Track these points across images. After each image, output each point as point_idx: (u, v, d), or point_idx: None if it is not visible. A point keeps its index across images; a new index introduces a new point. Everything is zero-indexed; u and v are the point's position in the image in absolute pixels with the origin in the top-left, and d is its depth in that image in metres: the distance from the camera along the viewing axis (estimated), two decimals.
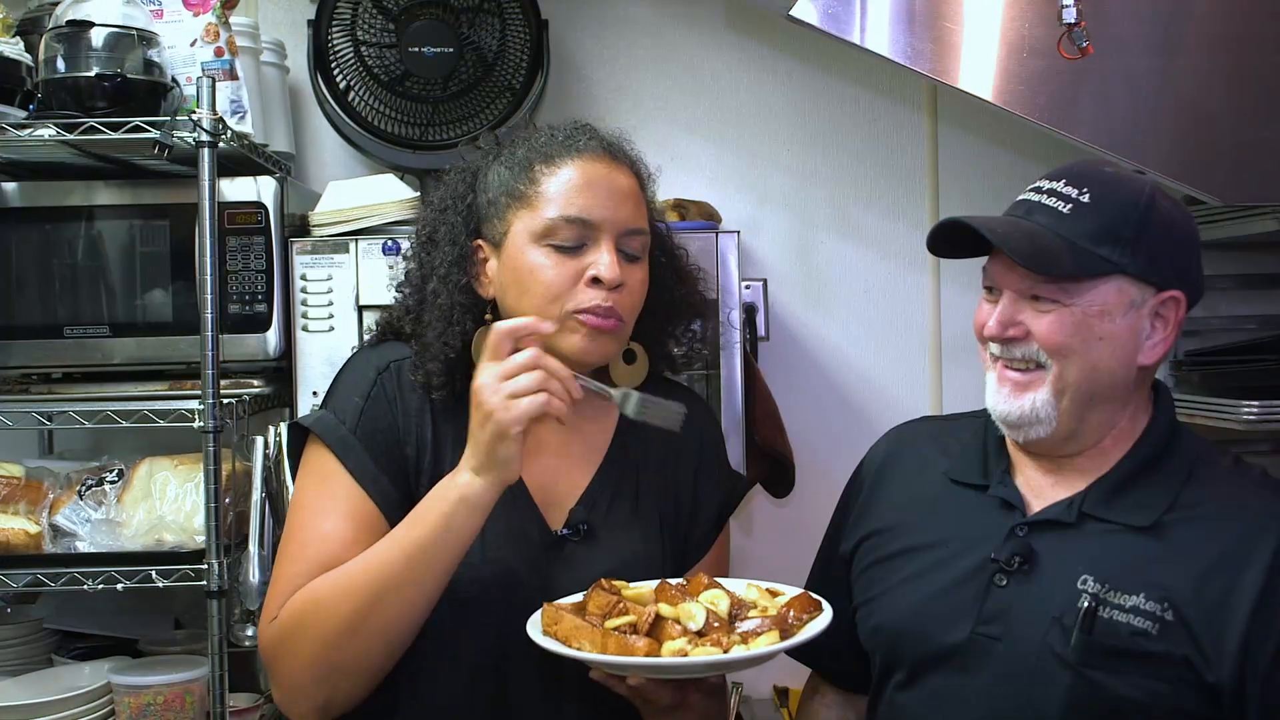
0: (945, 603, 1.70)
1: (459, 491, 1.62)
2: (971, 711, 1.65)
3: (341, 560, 1.68)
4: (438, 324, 1.80)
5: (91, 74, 2.40)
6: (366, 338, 1.96)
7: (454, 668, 1.74)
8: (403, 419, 1.80)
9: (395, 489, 1.76)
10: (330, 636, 1.64)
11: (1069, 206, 1.64)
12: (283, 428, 2.55)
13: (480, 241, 1.83)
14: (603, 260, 1.73)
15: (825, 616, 1.66)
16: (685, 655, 1.56)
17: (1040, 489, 1.73)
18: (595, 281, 1.73)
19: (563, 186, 1.76)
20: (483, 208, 1.83)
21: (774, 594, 1.73)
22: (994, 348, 1.70)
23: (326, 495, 1.76)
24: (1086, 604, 1.58)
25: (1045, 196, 1.67)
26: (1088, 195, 1.64)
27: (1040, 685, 1.60)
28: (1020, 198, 1.72)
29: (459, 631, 1.72)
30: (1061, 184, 1.67)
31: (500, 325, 1.63)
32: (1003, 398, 1.69)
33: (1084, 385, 1.64)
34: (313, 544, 1.72)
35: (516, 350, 1.62)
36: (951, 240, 1.71)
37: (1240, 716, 1.54)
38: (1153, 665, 1.55)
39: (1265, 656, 1.53)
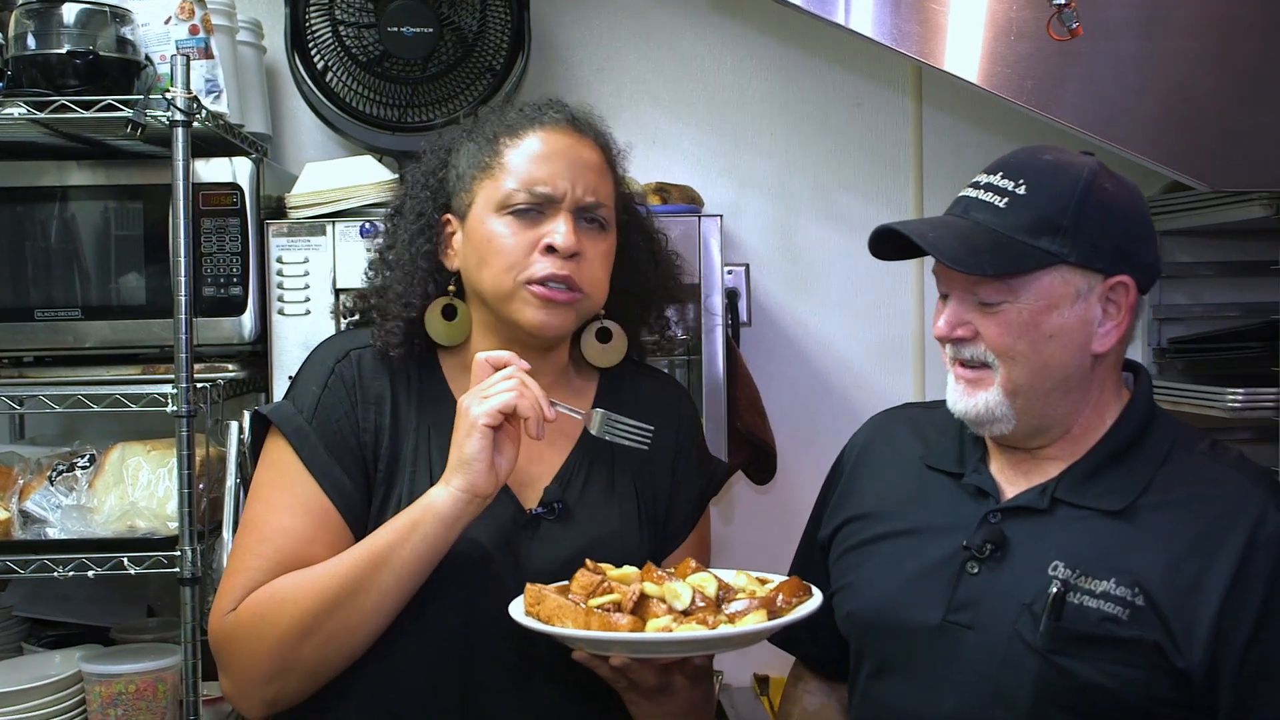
0: (917, 590, 1.70)
1: (428, 499, 1.67)
2: (943, 700, 1.65)
3: (299, 558, 1.71)
4: (398, 285, 1.84)
5: (63, 51, 2.35)
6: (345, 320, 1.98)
7: (420, 646, 1.73)
8: (361, 407, 1.81)
9: (350, 481, 1.77)
10: (288, 635, 1.66)
11: (1005, 200, 1.63)
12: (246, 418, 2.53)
13: (449, 216, 1.86)
14: (559, 229, 1.75)
15: (814, 601, 1.66)
16: (669, 632, 1.54)
17: (1014, 476, 1.73)
18: (550, 250, 1.75)
19: (524, 156, 1.79)
20: (452, 183, 1.86)
21: (763, 581, 1.73)
22: (948, 348, 1.69)
23: (281, 488, 1.77)
24: (1056, 590, 1.58)
25: (983, 192, 1.66)
26: (1024, 187, 1.62)
27: (1010, 673, 1.59)
28: (959, 194, 1.71)
29: (426, 610, 1.72)
30: (998, 177, 1.66)
31: (480, 355, 1.70)
32: (958, 396, 1.69)
33: (1036, 384, 1.64)
34: (271, 540, 1.73)
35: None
36: (891, 244, 1.70)
37: (1211, 702, 1.54)
38: (1123, 651, 1.55)
39: (1237, 643, 1.52)
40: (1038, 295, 1.61)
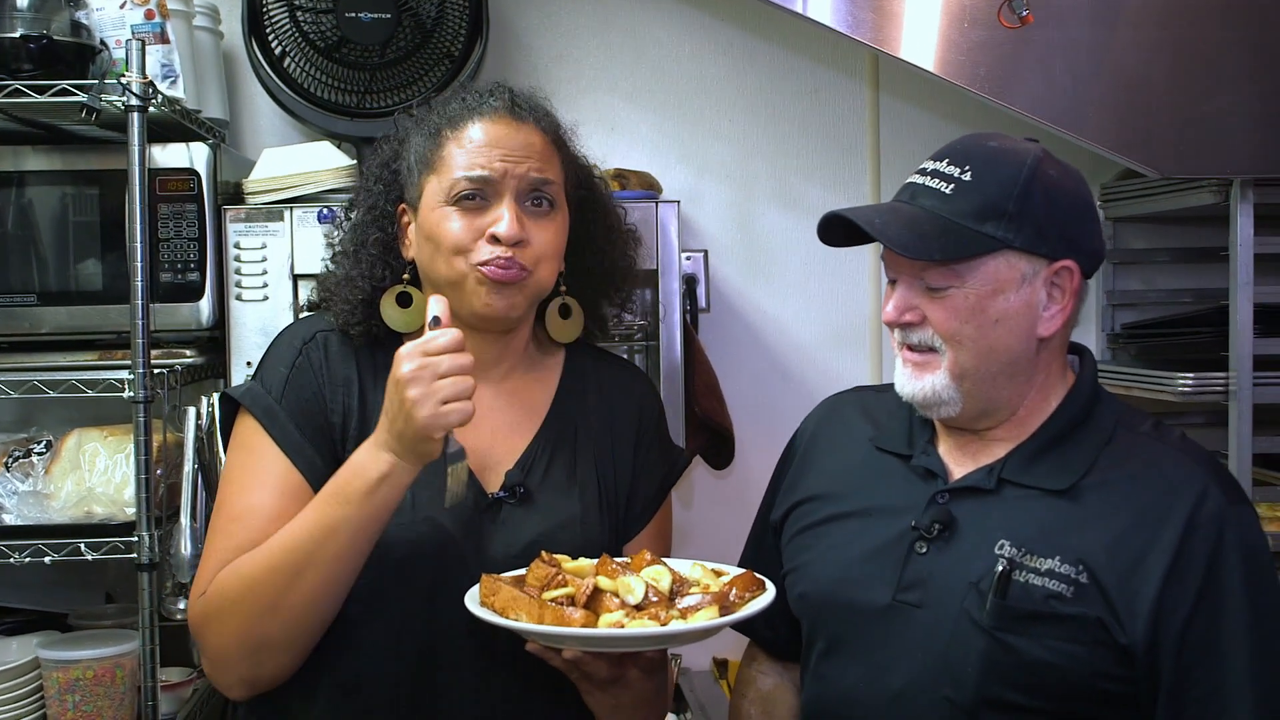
0: (867, 570, 1.72)
1: (380, 471, 1.63)
2: (892, 678, 1.67)
3: (269, 535, 1.70)
4: (351, 271, 1.86)
5: (16, 35, 2.35)
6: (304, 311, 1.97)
7: (383, 630, 1.74)
8: (329, 388, 1.81)
9: (321, 458, 1.77)
10: (254, 613, 1.66)
11: (951, 187, 1.65)
12: (215, 399, 2.53)
13: (404, 206, 1.88)
14: (502, 217, 1.76)
15: (768, 595, 1.66)
16: (621, 627, 1.55)
17: (962, 458, 1.75)
18: (495, 239, 1.75)
19: (464, 148, 1.80)
20: (404, 174, 1.87)
21: (718, 574, 1.73)
22: (897, 333, 1.72)
23: (253, 467, 1.77)
24: (1001, 568, 1.60)
25: (929, 178, 1.68)
26: (969, 173, 1.65)
27: (957, 650, 1.62)
28: (907, 181, 1.73)
29: (387, 593, 1.73)
30: (945, 164, 1.68)
31: (435, 307, 1.64)
32: (905, 379, 1.71)
33: (983, 368, 1.66)
34: (241, 518, 1.74)
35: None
36: (840, 231, 1.72)
37: (1153, 678, 1.57)
38: (1067, 628, 1.57)
39: (1178, 618, 1.55)
40: (984, 280, 1.63)
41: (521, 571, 1.68)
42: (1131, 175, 3.00)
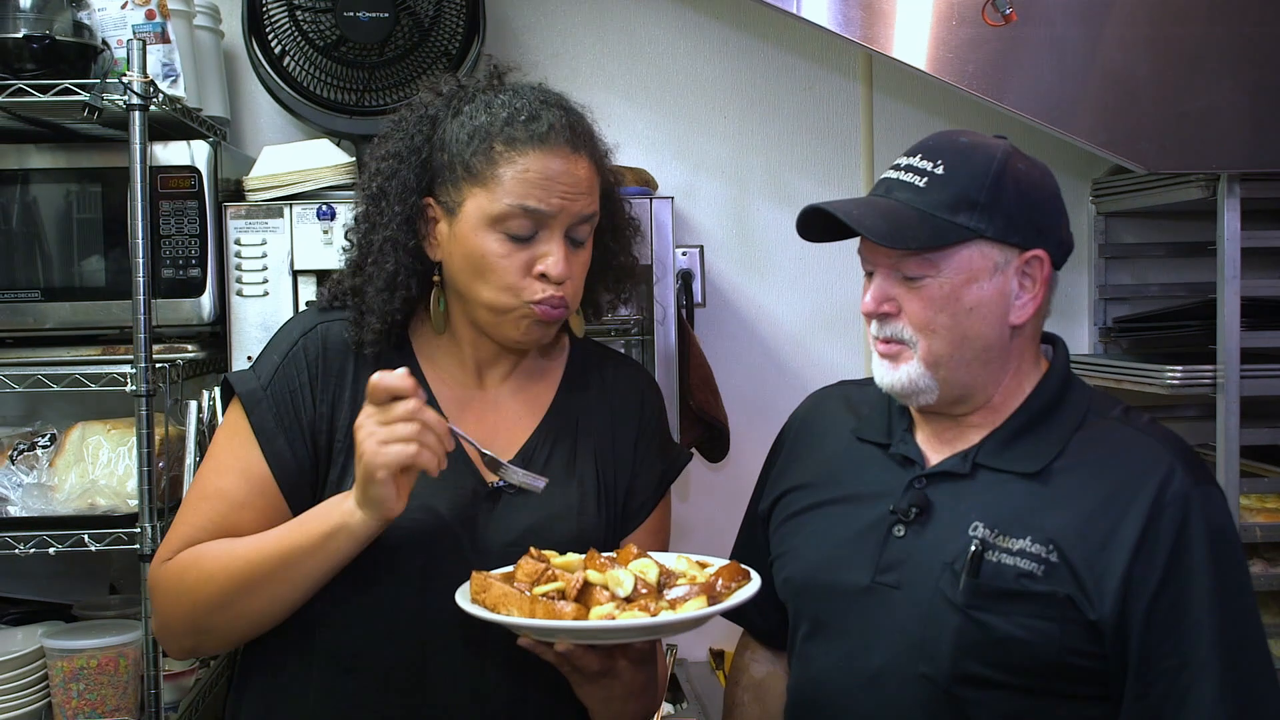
0: (847, 553, 1.76)
1: (342, 518, 1.66)
2: (872, 656, 1.72)
3: (230, 521, 1.76)
4: (383, 289, 1.82)
5: (19, 35, 2.39)
6: (306, 305, 1.98)
7: (378, 612, 1.77)
8: (321, 381, 1.83)
9: (293, 452, 1.79)
10: (202, 604, 1.73)
11: (925, 180, 1.70)
12: (217, 391, 2.56)
13: (431, 200, 1.82)
14: (552, 256, 1.76)
15: (753, 585, 1.69)
16: (612, 620, 1.58)
17: (939, 445, 1.80)
18: (543, 276, 1.76)
19: (521, 177, 1.74)
20: (438, 167, 1.81)
21: (703, 565, 1.75)
22: (873, 325, 1.76)
23: (228, 449, 1.82)
24: (974, 549, 1.65)
25: (903, 173, 1.73)
26: (942, 167, 1.70)
27: (933, 629, 1.66)
28: (881, 176, 1.78)
29: (382, 577, 1.76)
30: (918, 159, 1.73)
31: (381, 380, 1.62)
32: (883, 370, 1.76)
33: (956, 355, 1.71)
34: (209, 498, 1.79)
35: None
36: (819, 226, 1.76)
37: (1122, 653, 1.61)
38: (1038, 605, 1.62)
39: (1144, 595, 1.60)
40: (958, 269, 1.68)
41: (509, 569, 1.69)
42: (1122, 171, 3.03)
